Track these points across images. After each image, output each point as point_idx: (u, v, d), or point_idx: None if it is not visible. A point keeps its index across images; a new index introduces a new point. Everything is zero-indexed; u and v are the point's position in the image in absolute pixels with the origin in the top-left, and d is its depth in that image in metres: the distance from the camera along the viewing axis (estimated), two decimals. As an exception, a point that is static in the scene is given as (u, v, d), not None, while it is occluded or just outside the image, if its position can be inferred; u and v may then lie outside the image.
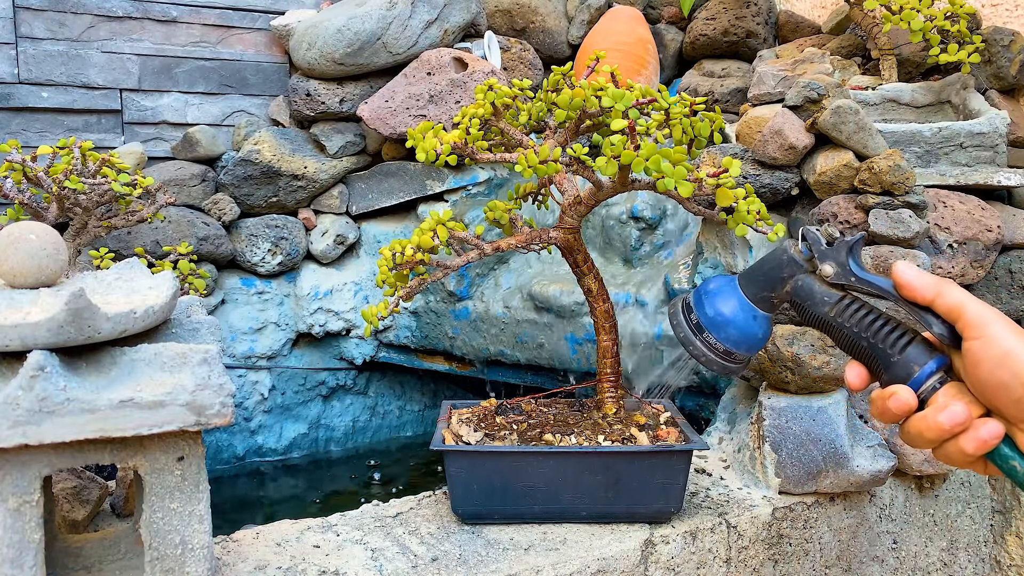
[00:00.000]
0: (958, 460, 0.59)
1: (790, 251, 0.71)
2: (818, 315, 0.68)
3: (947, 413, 0.57)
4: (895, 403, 0.60)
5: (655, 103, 1.06)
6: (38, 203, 1.50)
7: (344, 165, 2.13)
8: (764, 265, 0.74)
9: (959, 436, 0.57)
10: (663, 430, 1.15)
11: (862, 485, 1.25)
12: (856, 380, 0.65)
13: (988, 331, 0.56)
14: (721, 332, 0.75)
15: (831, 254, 0.68)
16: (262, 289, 2.07)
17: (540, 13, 2.41)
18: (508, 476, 1.08)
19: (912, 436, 0.60)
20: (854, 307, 0.66)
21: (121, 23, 2.05)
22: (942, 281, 0.60)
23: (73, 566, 0.95)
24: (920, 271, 0.62)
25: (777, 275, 0.72)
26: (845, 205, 1.41)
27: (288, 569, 0.99)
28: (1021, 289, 1.55)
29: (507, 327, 1.94)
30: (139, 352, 0.82)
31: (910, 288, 0.61)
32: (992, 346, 0.56)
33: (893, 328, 0.63)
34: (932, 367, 0.60)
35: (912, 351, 0.61)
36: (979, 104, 1.71)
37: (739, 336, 0.75)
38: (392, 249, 1.11)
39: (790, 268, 0.71)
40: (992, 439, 0.56)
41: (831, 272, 0.68)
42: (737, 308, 0.75)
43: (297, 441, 2.19)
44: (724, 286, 0.76)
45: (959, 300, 0.59)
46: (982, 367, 0.56)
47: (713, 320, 0.75)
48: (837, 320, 0.67)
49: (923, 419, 0.59)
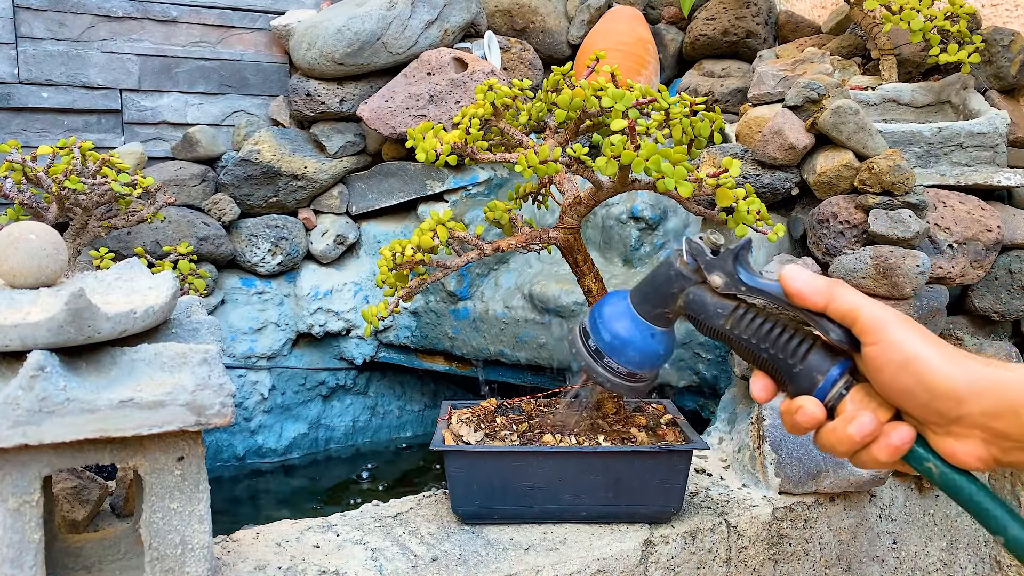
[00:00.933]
0: (874, 466, 0.57)
1: (676, 264, 0.67)
2: (714, 328, 0.65)
3: (855, 425, 0.55)
4: (803, 417, 0.58)
5: (655, 103, 1.06)
6: (38, 203, 1.50)
7: (344, 165, 2.13)
8: (653, 281, 0.70)
9: (871, 445, 0.56)
10: (663, 430, 1.15)
11: (862, 485, 1.25)
12: (762, 393, 0.62)
13: (885, 335, 0.54)
14: (621, 355, 0.72)
15: (717, 263, 0.65)
16: (262, 289, 2.07)
17: (540, 13, 2.41)
18: (508, 476, 1.08)
19: (825, 448, 0.58)
20: (749, 316, 0.63)
21: (121, 23, 2.05)
22: (833, 284, 0.58)
23: (73, 566, 0.95)
24: (810, 276, 0.59)
25: (667, 291, 0.68)
26: (845, 205, 1.41)
27: (288, 569, 0.99)
28: (1021, 289, 1.55)
29: (507, 327, 1.94)
30: (139, 352, 0.82)
31: (800, 296, 0.58)
32: (892, 351, 0.54)
33: (791, 336, 0.60)
34: (835, 374, 0.58)
35: (814, 359, 0.59)
36: (979, 104, 1.71)
37: (640, 357, 0.72)
38: (392, 249, 1.11)
39: (679, 282, 0.67)
40: (904, 445, 0.55)
41: (720, 282, 0.64)
42: (633, 328, 0.72)
43: (297, 441, 2.19)
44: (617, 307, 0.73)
45: (853, 304, 0.56)
46: (884, 373, 0.54)
47: (611, 344, 0.73)
48: (734, 332, 0.63)
49: (833, 432, 0.57)
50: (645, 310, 0.71)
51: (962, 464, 0.54)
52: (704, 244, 0.66)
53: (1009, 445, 0.51)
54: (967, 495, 0.54)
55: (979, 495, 0.54)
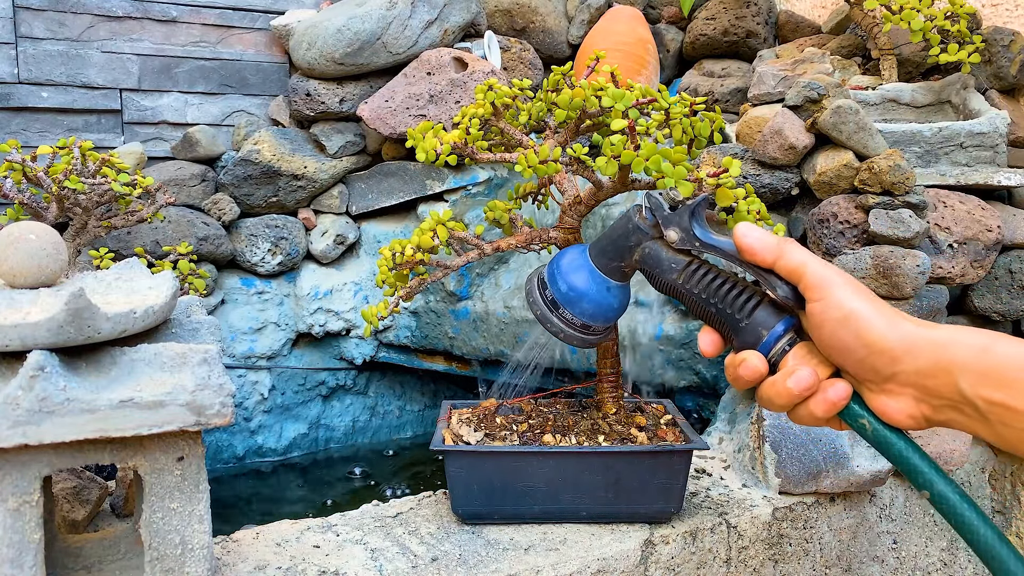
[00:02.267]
0: (812, 422, 0.59)
1: (635, 219, 0.69)
2: (667, 282, 0.66)
3: (794, 378, 0.57)
4: (745, 370, 0.60)
5: (655, 103, 1.06)
6: (38, 203, 1.50)
7: (344, 165, 2.13)
8: (611, 234, 0.72)
9: (809, 400, 0.58)
10: (663, 430, 1.15)
11: (862, 485, 1.25)
12: (709, 347, 0.64)
13: (829, 292, 0.56)
14: (576, 307, 0.74)
15: (674, 219, 0.66)
16: (262, 289, 2.07)
17: (540, 13, 2.41)
18: (508, 476, 1.08)
19: (764, 401, 0.60)
20: (701, 272, 0.64)
21: (121, 23, 2.05)
22: (784, 241, 0.60)
23: (73, 566, 0.95)
24: (762, 233, 0.61)
25: (624, 244, 0.70)
26: (845, 205, 1.41)
27: (288, 569, 0.99)
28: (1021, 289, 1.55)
29: (507, 327, 1.94)
30: (139, 352, 0.82)
31: (751, 251, 0.60)
32: (833, 308, 0.55)
33: (740, 292, 0.62)
34: (780, 330, 0.60)
35: (760, 314, 0.60)
36: (979, 104, 1.71)
37: (594, 309, 0.74)
38: (392, 249, 1.11)
39: (636, 236, 0.69)
40: (840, 400, 0.57)
41: (676, 238, 0.66)
42: (590, 281, 0.74)
43: (297, 441, 2.19)
44: (576, 259, 0.75)
45: (800, 261, 0.58)
46: (824, 329, 0.56)
47: (567, 296, 0.74)
48: (685, 287, 0.65)
49: (773, 385, 0.59)
50: (602, 263, 0.73)
51: (894, 421, 0.55)
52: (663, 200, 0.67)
53: (940, 403, 0.53)
54: (897, 451, 0.56)
55: (908, 451, 0.55)
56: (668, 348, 1.68)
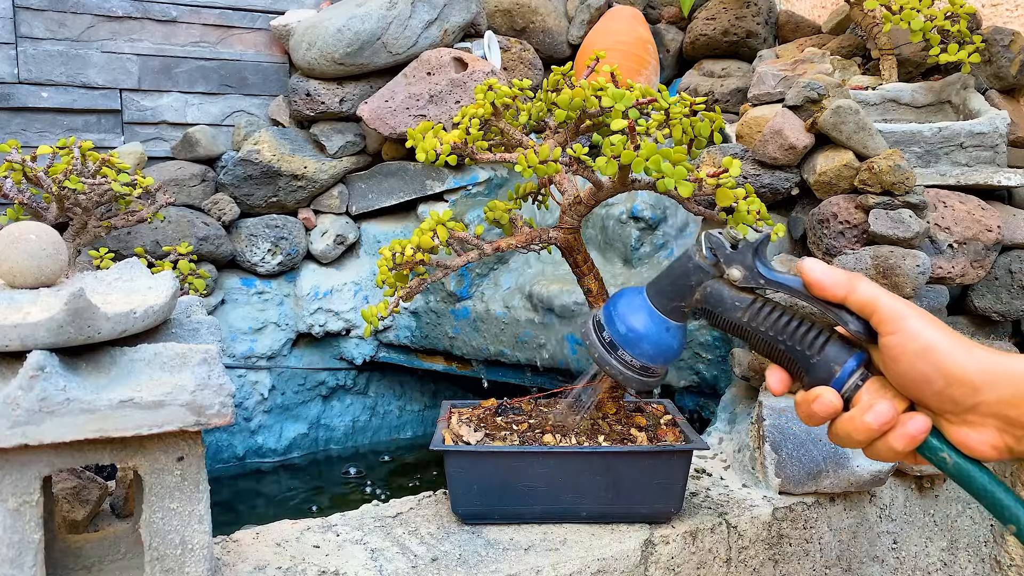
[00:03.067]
0: (889, 456, 0.58)
1: (695, 258, 0.69)
2: (732, 321, 0.66)
3: (873, 413, 0.56)
4: (819, 406, 0.59)
5: (655, 103, 1.06)
6: (38, 203, 1.50)
7: (344, 165, 2.13)
8: (670, 275, 0.71)
9: (887, 434, 0.57)
10: (663, 430, 1.15)
11: (862, 485, 1.25)
12: (778, 385, 0.63)
13: (904, 325, 0.55)
14: (635, 348, 0.73)
15: (737, 257, 0.66)
16: (262, 289, 2.07)
17: (540, 13, 2.41)
18: (508, 476, 1.08)
19: (841, 437, 0.59)
20: (767, 310, 0.64)
21: (121, 23, 2.05)
22: (852, 276, 0.59)
23: (73, 566, 0.95)
24: (829, 268, 0.60)
25: (685, 284, 0.69)
26: (845, 205, 1.41)
27: (288, 569, 0.99)
28: (1021, 289, 1.55)
29: (507, 327, 1.94)
30: (139, 352, 0.82)
31: (820, 287, 0.60)
32: (909, 340, 0.55)
33: (809, 328, 0.62)
34: (852, 365, 0.59)
35: (831, 350, 0.60)
36: (979, 104, 1.71)
37: (654, 351, 0.73)
38: (392, 249, 1.11)
39: (697, 275, 0.69)
40: (920, 434, 0.56)
41: (739, 276, 0.66)
42: (649, 322, 0.72)
43: (297, 441, 2.19)
44: (634, 300, 0.74)
45: (872, 295, 0.57)
46: (901, 361, 0.55)
47: (626, 337, 0.73)
48: (751, 324, 0.64)
49: (850, 420, 0.58)
50: (661, 303, 0.72)
51: (976, 453, 0.54)
52: (724, 238, 0.67)
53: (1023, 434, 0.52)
54: (980, 485, 0.55)
55: (992, 485, 0.54)
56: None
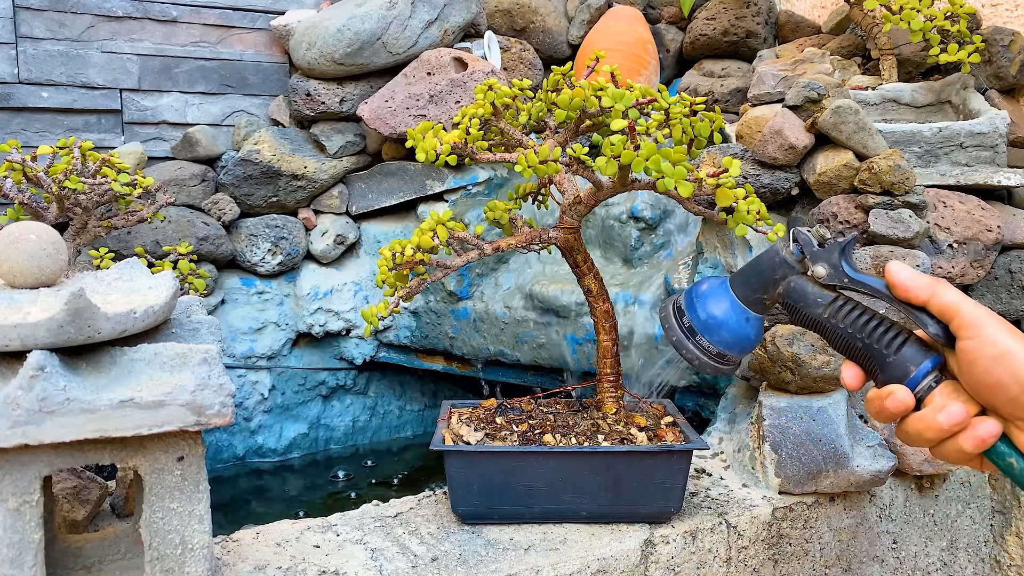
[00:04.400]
0: (956, 458, 0.59)
1: (782, 252, 0.71)
2: (812, 316, 0.68)
3: (945, 413, 0.58)
4: (892, 403, 0.61)
5: (655, 103, 1.06)
6: (38, 203, 1.50)
7: (344, 165, 2.13)
8: (756, 267, 0.74)
9: (957, 435, 0.58)
10: (663, 430, 1.15)
11: (862, 485, 1.25)
12: (852, 380, 0.65)
13: (983, 331, 0.57)
14: (714, 335, 0.75)
15: (823, 255, 0.68)
16: (262, 289, 2.07)
17: (540, 13, 2.41)
18: (508, 476, 1.08)
19: (910, 435, 0.61)
20: (847, 308, 0.66)
21: (121, 23, 2.05)
22: (936, 281, 0.61)
23: (73, 566, 0.95)
24: (914, 272, 0.62)
25: (769, 276, 0.72)
26: (845, 205, 1.41)
27: (288, 569, 0.99)
28: (1021, 289, 1.55)
29: (507, 327, 1.94)
30: (139, 352, 0.82)
31: (904, 289, 0.62)
32: (987, 346, 0.56)
33: (888, 328, 0.63)
34: (928, 366, 0.61)
35: (908, 351, 0.62)
36: (979, 104, 1.71)
37: (732, 339, 0.75)
38: (392, 249, 1.11)
39: (782, 270, 0.71)
40: (990, 438, 0.57)
41: (824, 273, 0.68)
42: (729, 310, 0.75)
43: (297, 441, 2.19)
44: (716, 288, 0.76)
45: (954, 300, 0.59)
46: (978, 366, 0.57)
47: (706, 323, 0.75)
48: (831, 321, 0.67)
49: (921, 419, 0.59)
50: (744, 294, 0.74)
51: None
52: (812, 236, 0.69)
53: None
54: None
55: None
56: (668, 348, 1.68)
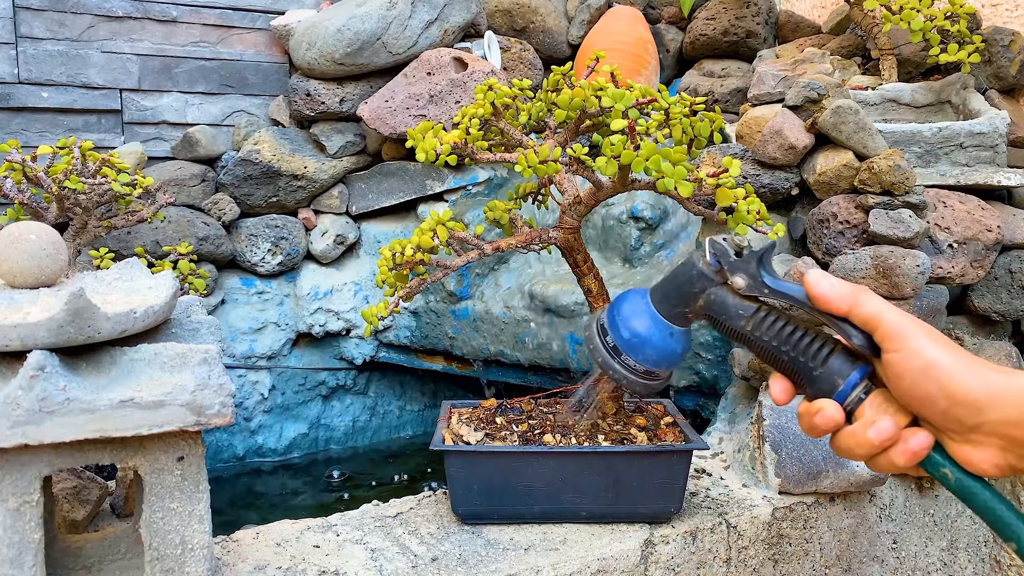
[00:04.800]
0: (890, 470, 0.58)
1: (698, 264, 0.68)
2: (735, 329, 0.65)
3: (875, 429, 0.56)
4: (822, 419, 0.59)
5: (655, 103, 1.06)
6: (38, 203, 1.50)
7: (344, 165, 2.13)
8: (674, 280, 0.71)
9: (889, 449, 0.57)
10: (663, 430, 1.15)
11: (862, 485, 1.25)
12: (781, 395, 0.63)
13: (907, 342, 0.55)
14: (639, 354, 0.72)
15: (741, 265, 0.65)
16: (262, 289, 2.07)
17: (540, 13, 2.41)
18: (508, 476, 1.08)
19: (843, 450, 0.59)
20: (771, 319, 0.63)
21: (121, 23, 2.05)
22: (857, 290, 0.59)
23: (73, 566, 0.95)
24: (834, 281, 0.60)
25: (688, 290, 0.69)
26: (845, 205, 1.41)
27: (288, 569, 0.99)
28: (1021, 289, 1.55)
29: (507, 327, 1.94)
30: (139, 352, 0.82)
31: (824, 300, 0.59)
32: (913, 358, 0.54)
33: (812, 339, 0.61)
34: (856, 378, 0.59)
35: (834, 362, 0.59)
36: (979, 104, 1.71)
37: (658, 356, 0.72)
38: (392, 249, 1.11)
39: (701, 282, 0.68)
40: (921, 450, 0.56)
41: (743, 284, 0.65)
42: (652, 327, 0.72)
43: (297, 441, 2.19)
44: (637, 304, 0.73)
45: (876, 310, 0.57)
46: (904, 379, 0.55)
47: (629, 342, 0.72)
48: (755, 334, 0.64)
49: (852, 435, 0.58)
50: (665, 309, 0.72)
51: (979, 471, 0.54)
52: (728, 246, 0.66)
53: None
54: (982, 502, 0.55)
55: (994, 502, 0.54)
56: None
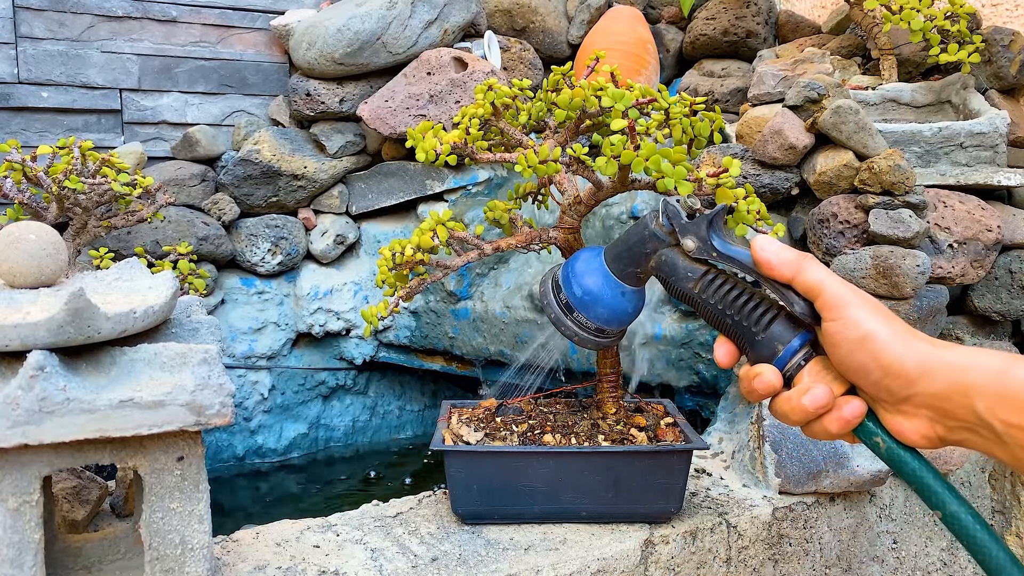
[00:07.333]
0: (824, 437, 0.59)
1: (651, 225, 0.68)
2: (683, 290, 0.66)
3: (809, 396, 0.57)
4: (760, 384, 0.60)
5: (655, 103, 1.06)
6: (38, 203, 1.50)
7: (344, 165, 2.13)
8: (627, 240, 0.72)
9: (823, 416, 0.58)
10: (663, 430, 1.15)
11: (862, 485, 1.25)
12: (724, 357, 0.64)
13: (845, 312, 0.56)
14: (590, 311, 0.75)
15: (692, 228, 0.66)
16: (262, 289, 2.07)
17: (540, 13, 2.41)
18: (508, 476, 1.08)
19: (778, 415, 0.60)
20: (718, 282, 0.64)
21: (121, 23, 2.05)
22: (802, 257, 0.59)
23: (73, 566, 0.95)
24: (781, 247, 0.60)
25: (640, 250, 0.70)
26: (845, 205, 1.41)
27: (288, 569, 0.99)
28: (1021, 289, 1.55)
29: (507, 327, 1.94)
30: (139, 352, 0.82)
31: (769, 266, 0.60)
32: (850, 328, 0.55)
33: (757, 304, 0.62)
34: (796, 345, 0.59)
35: (776, 328, 0.60)
36: (979, 104, 1.71)
37: (608, 314, 0.74)
38: (392, 249, 1.11)
39: (653, 243, 0.69)
40: (854, 419, 0.57)
41: (693, 246, 0.65)
42: (604, 286, 0.74)
43: (297, 441, 2.19)
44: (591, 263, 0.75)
45: (817, 279, 0.58)
46: (840, 348, 0.56)
47: (581, 300, 0.75)
48: (701, 296, 0.64)
49: (788, 400, 0.59)
50: (617, 268, 0.73)
51: (909, 441, 0.56)
52: (680, 207, 0.67)
53: (955, 425, 0.53)
54: (910, 471, 0.56)
55: (921, 471, 0.56)
56: (668, 348, 1.68)
